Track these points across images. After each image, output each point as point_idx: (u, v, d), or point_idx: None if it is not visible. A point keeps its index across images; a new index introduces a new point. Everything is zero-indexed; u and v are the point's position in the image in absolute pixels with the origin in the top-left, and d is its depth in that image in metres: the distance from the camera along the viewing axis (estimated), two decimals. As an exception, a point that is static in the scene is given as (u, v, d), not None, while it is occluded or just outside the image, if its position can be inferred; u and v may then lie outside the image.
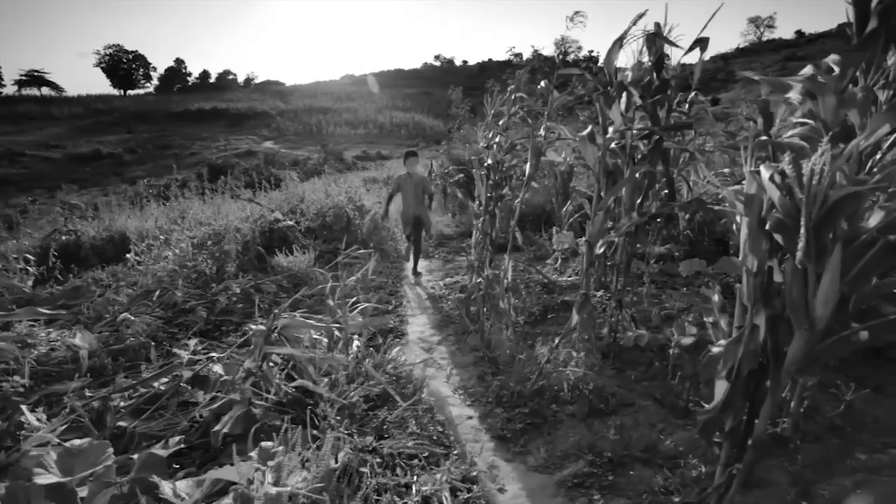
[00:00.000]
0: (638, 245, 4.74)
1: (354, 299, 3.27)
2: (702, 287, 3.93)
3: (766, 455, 2.22)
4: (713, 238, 5.05)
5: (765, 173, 1.23)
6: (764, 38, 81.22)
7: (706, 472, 2.12)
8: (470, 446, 2.42)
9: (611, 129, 2.43)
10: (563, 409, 2.69)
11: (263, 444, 1.63)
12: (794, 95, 1.41)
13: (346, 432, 2.02)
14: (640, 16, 2.23)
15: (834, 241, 1.22)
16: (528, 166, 2.78)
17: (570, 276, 4.85)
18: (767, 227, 1.26)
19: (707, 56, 2.52)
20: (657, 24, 2.36)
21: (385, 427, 2.35)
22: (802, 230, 1.15)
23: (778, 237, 1.24)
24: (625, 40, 2.28)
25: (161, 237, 5.49)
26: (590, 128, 2.44)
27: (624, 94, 2.37)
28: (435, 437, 2.42)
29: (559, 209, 5.99)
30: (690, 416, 2.57)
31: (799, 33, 75.93)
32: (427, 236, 6.15)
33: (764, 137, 1.35)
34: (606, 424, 2.53)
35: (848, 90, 1.70)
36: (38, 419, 2.39)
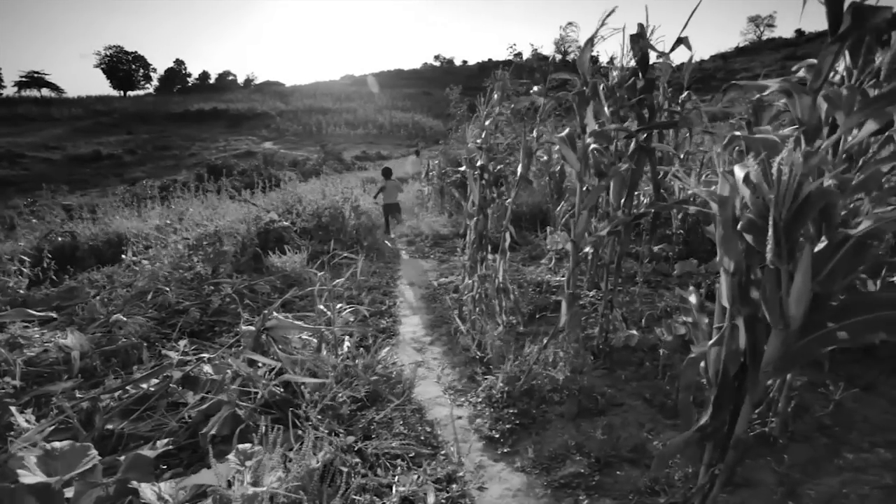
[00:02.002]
0: (632, 245, 4.75)
1: (338, 300, 3.27)
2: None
3: (749, 455, 2.22)
4: (707, 238, 5.04)
5: (737, 173, 1.23)
6: (764, 38, 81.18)
7: (693, 472, 2.12)
8: (458, 447, 2.42)
9: (588, 130, 2.43)
10: (551, 410, 2.69)
11: (241, 445, 1.63)
12: (771, 96, 1.41)
13: (326, 432, 2.02)
14: (609, 13, 2.23)
15: (805, 240, 1.22)
16: (520, 166, 2.78)
17: (563, 276, 4.85)
18: (739, 227, 1.27)
19: (706, 55, 2.52)
20: (640, 25, 2.36)
21: (372, 427, 2.35)
22: (771, 230, 1.15)
23: (749, 237, 1.24)
24: (595, 39, 2.28)
25: (157, 238, 5.50)
26: (567, 129, 2.44)
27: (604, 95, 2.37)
28: (423, 438, 2.42)
29: (554, 209, 5.99)
30: (679, 416, 2.57)
31: (799, 32, 75.80)
32: (397, 218, 8.99)
33: (737, 134, 1.35)
34: (595, 424, 2.53)
35: (832, 89, 1.70)
36: (26, 420, 2.39)
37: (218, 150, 36.69)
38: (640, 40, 2.35)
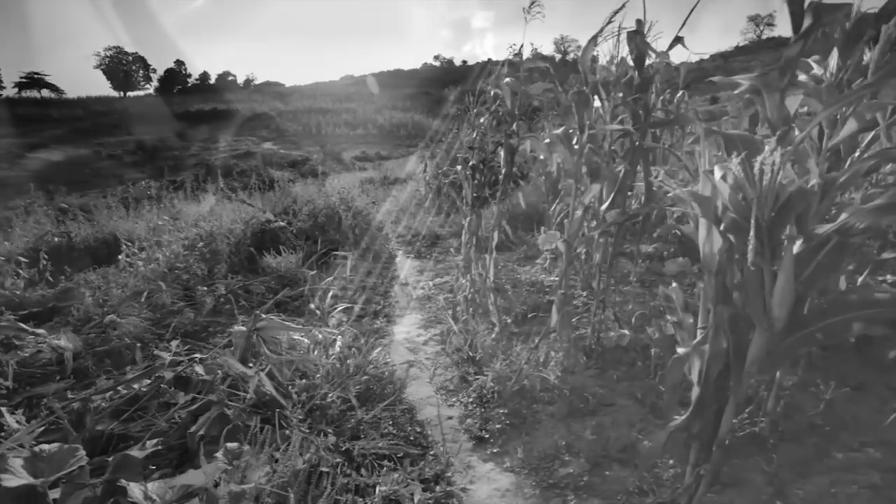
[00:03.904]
0: (626, 245, 4.74)
1: (331, 299, 3.27)
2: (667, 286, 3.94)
3: (738, 454, 2.22)
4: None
5: (717, 173, 1.23)
6: (764, 37, 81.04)
7: (682, 472, 2.12)
8: (447, 447, 2.42)
9: (587, 131, 2.42)
10: (542, 410, 2.69)
11: (229, 444, 1.63)
12: (742, 91, 1.41)
13: (310, 432, 2.03)
14: (616, 12, 2.23)
15: (787, 240, 1.22)
16: (503, 165, 2.78)
17: (557, 276, 4.84)
18: (722, 227, 1.27)
19: (706, 54, 2.52)
20: (638, 22, 2.35)
21: (361, 428, 2.35)
22: (752, 230, 1.15)
23: (732, 237, 1.24)
24: (600, 38, 2.28)
25: (153, 238, 5.51)
26: (563, 128, 2.43)
27: (601, 93, 2.37)
28: (412, 438, 2.42)
29: (550, 208, 5.98)
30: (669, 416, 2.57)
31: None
32: None
33: (713, 129, 1.35)
34: (585, 425, 2.53)
35: (811, 87, 1.70)
36: (17, 421, 2.40)
37: (218, 150, 36.66)
38: (636, 38, 2.34)
